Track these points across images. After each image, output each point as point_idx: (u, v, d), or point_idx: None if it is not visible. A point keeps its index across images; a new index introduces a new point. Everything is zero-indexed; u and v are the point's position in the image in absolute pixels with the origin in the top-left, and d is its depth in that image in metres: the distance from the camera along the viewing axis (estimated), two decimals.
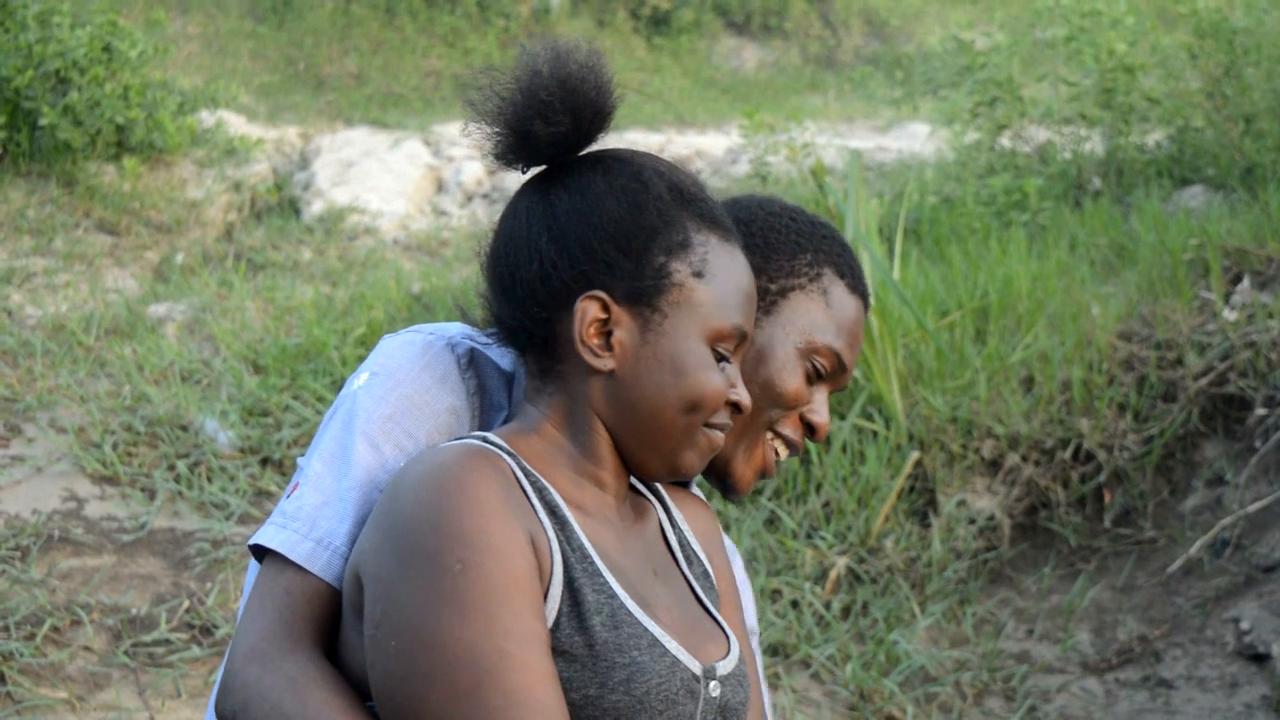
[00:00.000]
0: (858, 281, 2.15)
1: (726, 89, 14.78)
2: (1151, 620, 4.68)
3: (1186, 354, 5.26)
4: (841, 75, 14.81)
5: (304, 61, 13.75)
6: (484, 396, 1.99)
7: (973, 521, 5.05)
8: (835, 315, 2.11)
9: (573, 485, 1.81)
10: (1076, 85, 8.10)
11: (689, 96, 14.16)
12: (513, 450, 1.78)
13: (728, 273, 1.83)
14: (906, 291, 5.48)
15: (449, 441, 1.80)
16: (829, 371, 2.10)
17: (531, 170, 1.87)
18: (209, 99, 9.54)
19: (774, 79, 15.25)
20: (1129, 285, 5.80)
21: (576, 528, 1.74)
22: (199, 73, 11.87)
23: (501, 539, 1.63)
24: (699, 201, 1.85)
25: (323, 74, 13.63)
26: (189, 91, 9.55)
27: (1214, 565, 4.76)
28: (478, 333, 1.94)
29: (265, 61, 13.60)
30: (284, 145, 10.99)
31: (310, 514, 1.83)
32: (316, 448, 1.92)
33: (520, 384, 1.97)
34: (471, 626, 1.59)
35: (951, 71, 8.94)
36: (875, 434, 5.16)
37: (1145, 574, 4.89)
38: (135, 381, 5.53)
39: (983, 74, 8.28)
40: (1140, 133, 8.03)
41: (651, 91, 13.68)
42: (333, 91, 13.29)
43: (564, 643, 1.66)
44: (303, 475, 1.89)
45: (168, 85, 9.32)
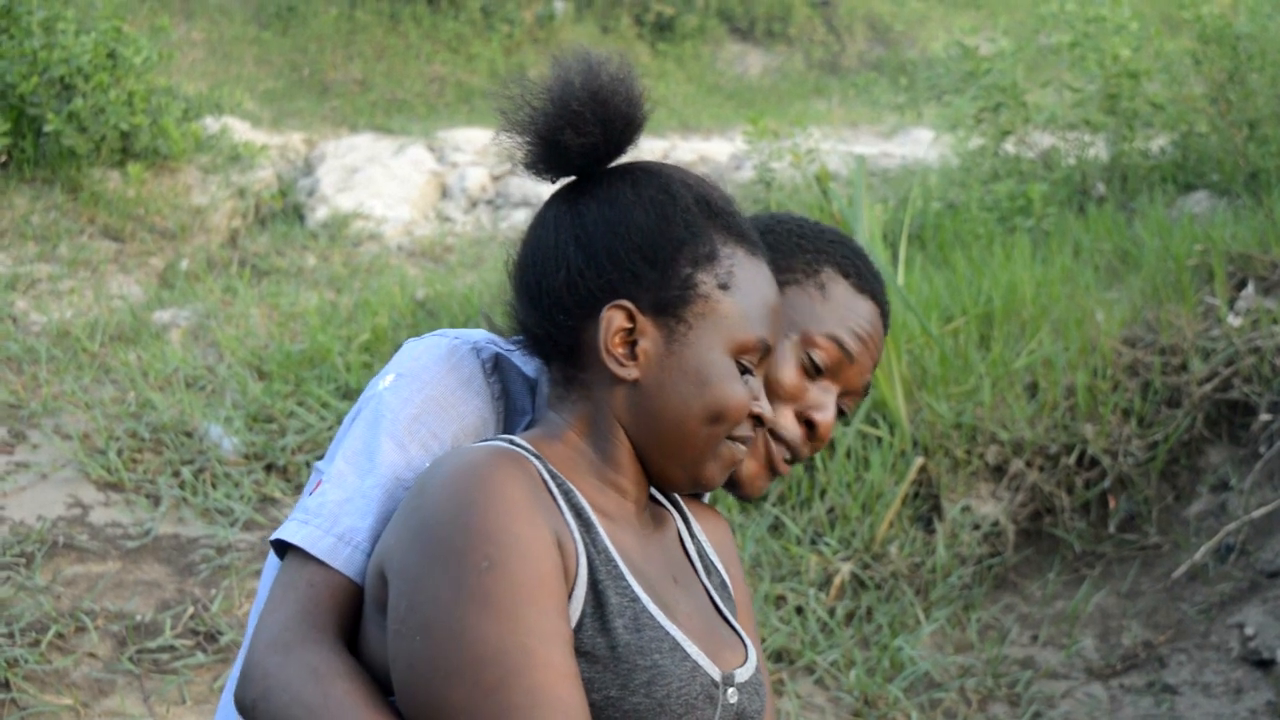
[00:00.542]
0: (865, 282, 2.12)
1: (731, 95, 14.78)
2: (1156, 626, 4.67)
3: (1191, 359, 5.26)
4: (846, 81, 14.81)
5: (308, 67, 13.76)
6: (508, 401, 2.00)
7: (977, 527, 5.05)
8: (834, 309, 2.09)
9: (596, 491, 1.82)
10: (1080, 91, 8.10)
11: (693, 102, 14.16)
12: (539, 453, 1.79)
13: (753, 285, 1.84)
14: (911, 297, 5.48)
15: (476, 443, 1.81)
16: (828, 365, 2.08)
17: (561, 180, 1.88)
18: (213, 105, 9.56)
19: (778, 85, 15.25)
20: (1133, 291, 5.80)
21: (601, 532, 1.75)
22: (203, 79, 11.88)
23: (528, 538, 1.64)
24: (726, 215, 1.85)
25: (327, 80, 13.65)
26: (193, 98, 9.56)
27: (1218, 571, 4.75)
28: (502, 338, 1.95)
29: (270, 67, 13.61)
30: (288, 151, 11.00)
31: (333, 510, 1.84)
32: (339, 448, 1.93)
33: (543, 391, 1.98)
34: (496, 624, 1.59)
35: (955, 77, 8.93)
36: (879, 440, 5.16)
37: (1150, 579, 4.89)
38: (140, 388, 5.53)
39: (987, 80, 8.28)
40: (1144, 138, 8.03)
41: (656, 97, 13.67)
42: (337, 97, 13.30)
43: (586, 644, 1.66)
44: (326, 474, 1.90)
45: (172, 91, 9.33)
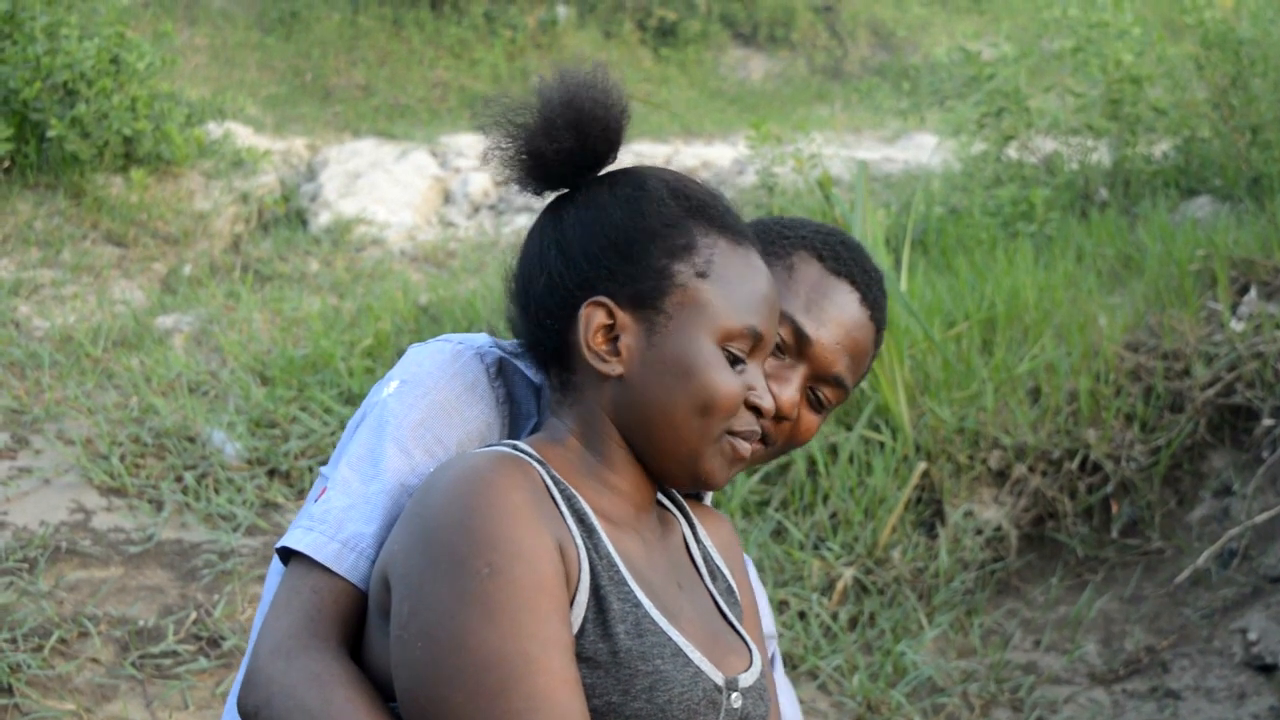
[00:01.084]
0: (843, 266, 2.10)
1: (733, 100, 14.78)
2: (1159, 631, 4.67)
3: (1193, 364, 5.26)
4: (848, 86, 14.80)
5: (311, 73, 13.77)
6: (513, 406, 2.01)
7: (980, 532, 5.05)
8: (797, 289, 2.08)
9: (599, 495, 1.82)
10: (1083, 96, 8.10)
11: (696, 107, 14.16)
12: (542, 459, 1.80)
13: (738, 273, 1.83)
14: (913, 302, 5.48)
15: (480, 448, 1.81)
16: (786, 344, 2.06)
17: (552, 193, 1.90)
18: (216, 110, 9.55)
19: (781, 90, 15.25)
20: (1136, 296, 5.80)
21: (604, 537, 1.76)
22: (206, 84, 11.89)
23: (530, 544, 1.65)
24: (707, 207, 1.85)
25: (330, 85, 13.65)
26: (196, 103, 9.56)
27: (1221, 576, 4.75)
28: (506, 343, 1.96)
29: (272, 73, 13.62)
30: (291, 156, 11.00)
31: (338, 517, 1.84)
32: (343, 454, 1.93)
33: (548, 395, 1.98)
34: (497, 630, 1.60)
35: (958, 82, 8.93)
36: (882, 445, 5.16)
37: (1152, 584, 4.88)
38: (143, 393, 5.53)
39: (989, 85, 8.27)
40: (1147, 143, 8.03)
41: (658, 102, 13.69)
42: (340, 103, 13.31)
43: (588, 649, 1.67)
44: (330, 480, 1.90)
45: (175, 97, 9.33)
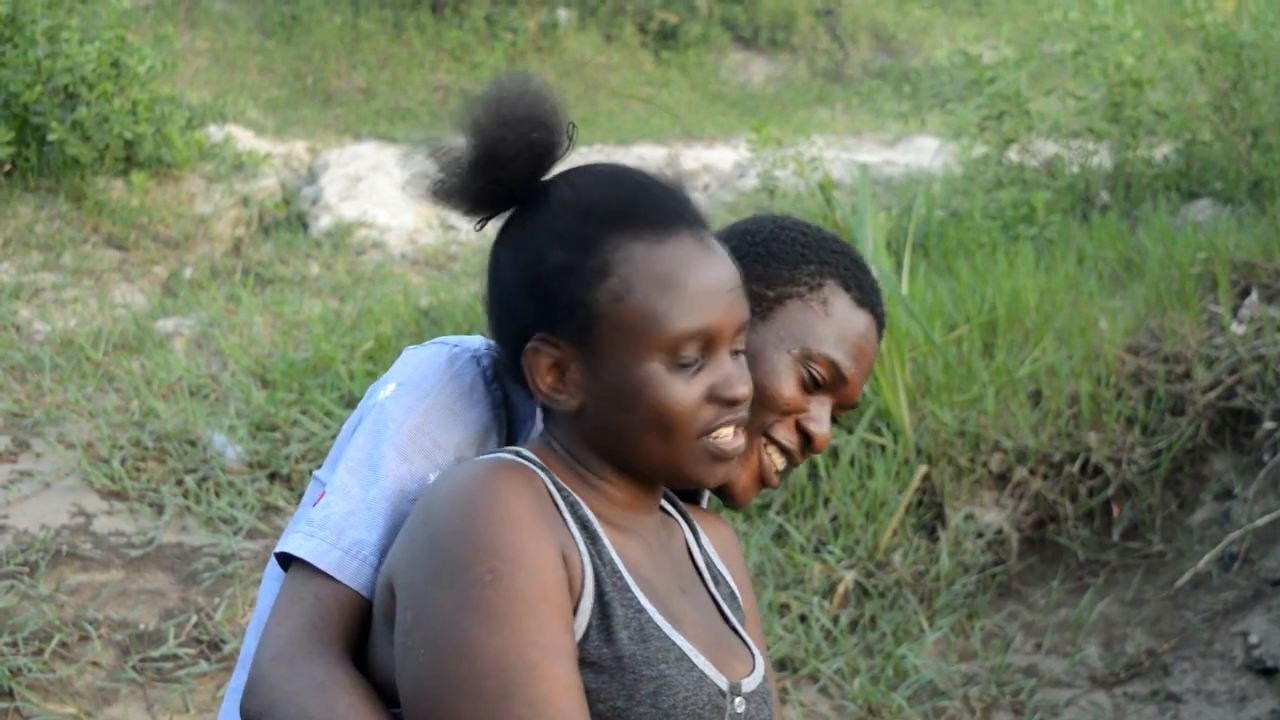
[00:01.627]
0: (866, 296, 2.12)
1: (734, 103, 14.79)
2: (1160, 634, 4.67)
3: (1194, 368, 5.26)
4: (849, 89, 14.82)
5: (312, 76, 13.78)
6: (510, 408, 2.00)
7: (981, 535, 5.04)
8: (835, 325, 2.08)
9: (602, 501, 1.82)
10: (1084, 99, 8.10)
11: (696, 110, 14.17)
12: (545, 465, 1.80)
13: (665, 278, 1.74)
14: (914, 305, 5.48)
15: (484, 455, 1.82)
16: (827, 381, 2.07)
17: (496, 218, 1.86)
18: (217, 114, 9.55)
19: (781, 93, 15.26)
20: (1137, 299, 5.80)
21: (607, 543, 1.76)
22: (207, 87, 11.89)
23: (532, 552, 1.65)
24: (621, 213, 1.77)
25: (331, 88, 13.66)
26: (197, 106, 9.56)
27: (1222, 579, 4.75)
28: None
29: (273, 76, 13.64)
30: (292, 160, 11.01)
31: (338, 523, 1.84)
32: (341, 458, 1.93)
33: None
34: (499, 636, 1.61)
35: (959, 85, 8.94)
36: (883, 448, 5.16)
37: (1153, 588, 4.88)
38: (143, 396, 5.53)
39: (990, 88, 8.28)
40: (1148, 146, 8.03)
41: (659, 105, 13.69)
42: (341, 106, 13.32)
43: (592, 654, 1.67)
44: (329, 485, 1.90)
45: (176, 100, 9.34)
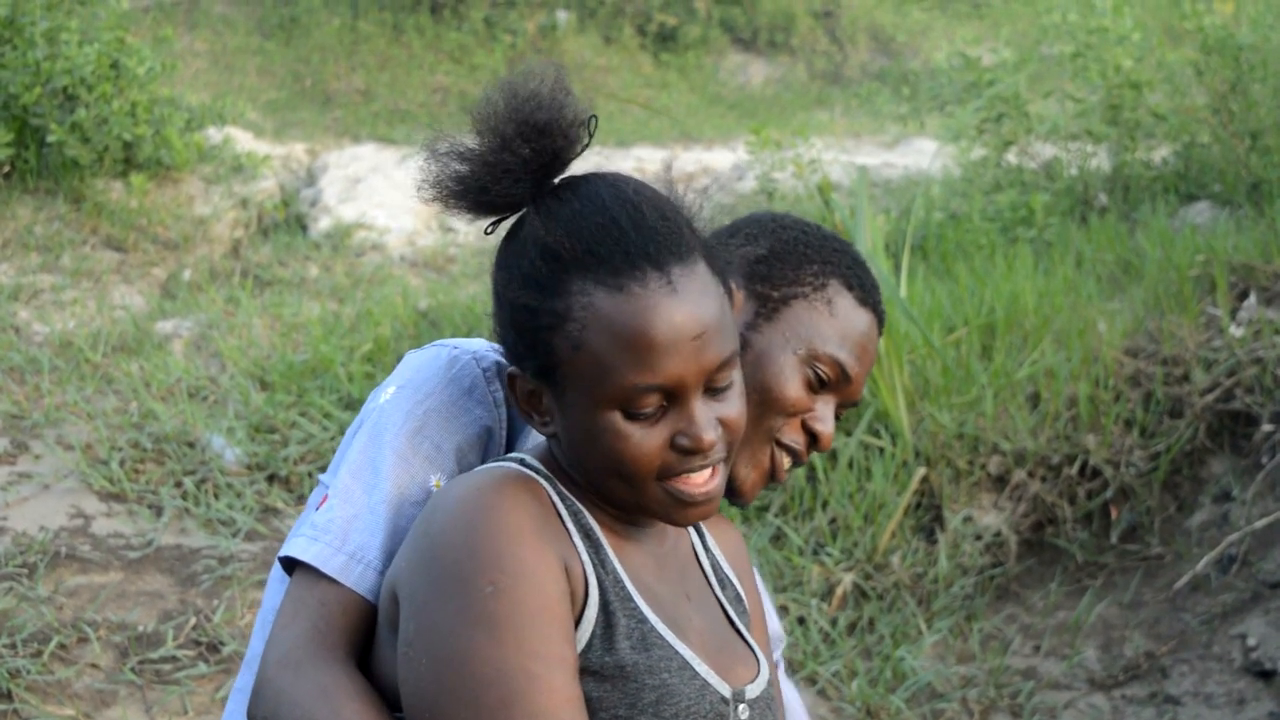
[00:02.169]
0: (868, 295, 2.13)
1: (733, 105, 14.78)
2: (1158, 636, 4.67)
3: (1193, 370, 5.26)
4: (848, 91, 14.81)
5: (311, 78, 13.77)
6: (511, 408, 2.00)
7: (979, 538, 5.05)
8: (839, 325, 2.09)
9: (606, 510, 1.81)
10: (1083, 101, 8.10)
11: (696, 112, 14.17)
12: (549, 474, 1.80)
13: (621, 331, 1.67)
14: (913, 308, 5.48)
15: (489, 461, 1.82)
16: (832, 381, 2.08)
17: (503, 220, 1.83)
18: (216, 115, 9.54)
19: (781, 95, 15.26)
20: (1135, 301, 5.80)
21: (610, 552, 1.76)
22: (206, 89, 11.89)
23: (534, 564, 1.65)
24: (579, 256, 1.70)
25: (330, 90, 13.66)
26: (196, 108, 9.56)
27: (1220, 581, 4.75)
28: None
29: (272, 78, 13.63)
30: (291, 162, 11.01)
31: (342, 527, 1.85)
32: (343, 461, 1.94)
33: None
34: (500, 648, 1.61)
35: (958, 88, 8.94)
36: (881, 450, 5.16)
37: (1152, 590, 4.88)
38: (142, 398, 5.53)
39: (989, 90, 8.28)
40: (1146, 149, 8.03)
41: (658, 108, 13.69)
42: (340, 108, 13.32)
43: (595, 663, 1.68)
44: (331, 488, 1.90)
45: (175, 102, 9.33)
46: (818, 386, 2.08)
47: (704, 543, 2.00)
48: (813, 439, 2.10)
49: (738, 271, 2.09)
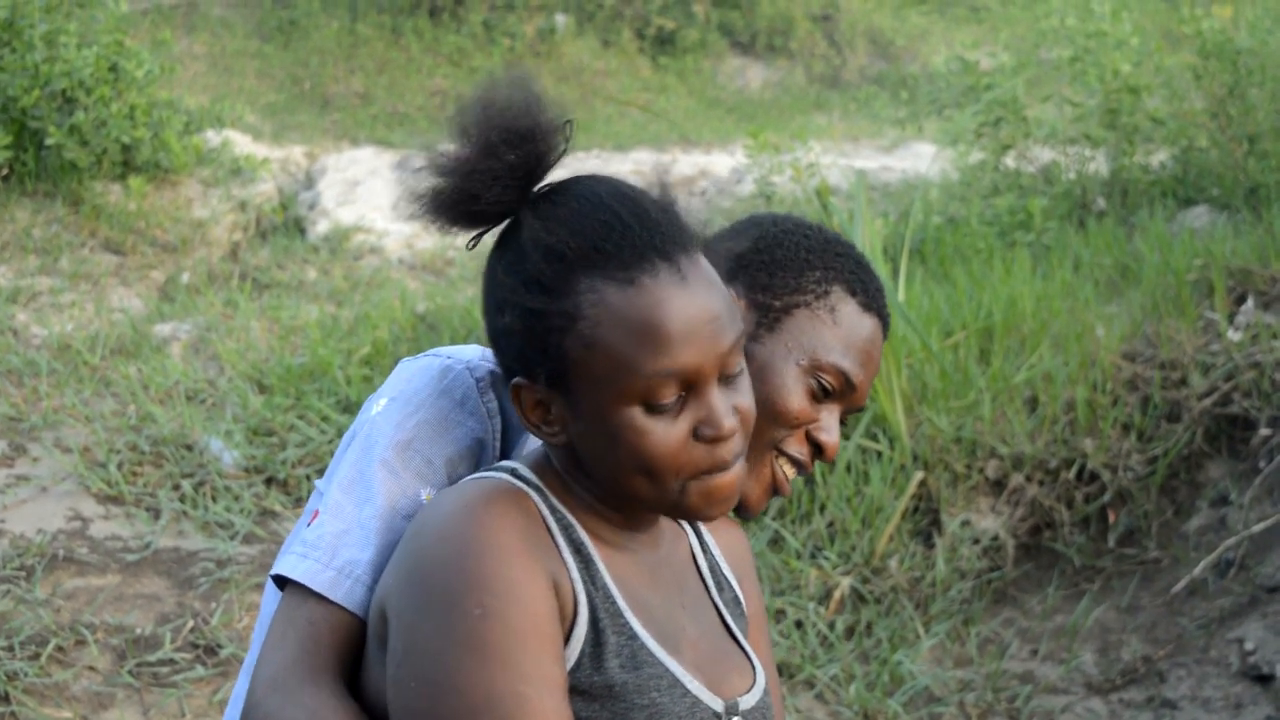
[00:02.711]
0: (872, 300, 2.09)
1: (731, 108, 14.79)
2: (1156, 640, 4.67)
3: (1191, 374, 5.26)
4: (846, 95, 14.81)
5: (309, 81, 13.78)
6: (505, 417, 1.99)
7: (977, 541, 5.05)
8: (843, 333, 2.05)
9: (598, 521, 1.79)
10: (1081, 106, 8.11)
11: (694, 116, 14.17)
12: (541, 484, 1.77)
13: (635, 323, 1.66)
14: (911, 312, 5.49)
15: (480, 472, 1.81)
16: (836, 390, 2.04)
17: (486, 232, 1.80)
18: (215, 118, 9.54)
19: (779, 99, 15.26)
20: (1133, 305, 5.81)
21: (601, 567, 1.74)
22: (205, 92, 11.89)
23: (523, 583, 1.63)
24: (585, 253, 1.68)
25: (328, 93, 13.66)
26: (195, 111, 9.56)
27: (1218, 585, 4.75)
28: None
29: (271, 81, 13.63)
30: (289, 164, 11.01)
31: (331, 543, 1.84)
32: (335, 474, 1.93)
33: None
34: (489, 670, 1.60)
35: (956, 92, 8.94)
36: (879, 454, 5.16)
37: (1149, 594, 4.89)
38: (140, 401, 5.53)
39: (987, 94, 8.29)
40: (1144, 153, 8.04)
41: (656, 111, 13.70)
42: (338, 111, 13.32)
43: (584, 683, 1.66)
44: (322, 503, 1.90)
45: (174, 105, 9.33)
46: (821, 396, 2.04)
47: (703, 544, 1.97)
48: (817, 449, 2.07)
49: (738, 278, 2.07)
